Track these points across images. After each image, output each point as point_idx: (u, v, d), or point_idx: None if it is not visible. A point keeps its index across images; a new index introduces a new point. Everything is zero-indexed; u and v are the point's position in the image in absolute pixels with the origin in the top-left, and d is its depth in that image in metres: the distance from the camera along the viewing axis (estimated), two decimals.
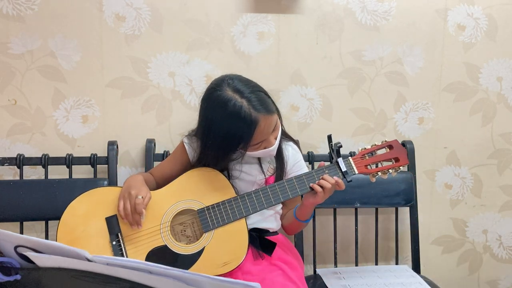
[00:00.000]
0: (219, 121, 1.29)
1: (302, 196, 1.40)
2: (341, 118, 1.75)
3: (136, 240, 1.30)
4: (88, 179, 1.60)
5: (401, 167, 1.38)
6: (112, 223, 1.31)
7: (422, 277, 1.59)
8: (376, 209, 1.72)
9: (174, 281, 0.77)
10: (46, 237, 1.59)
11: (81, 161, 1.60)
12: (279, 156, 1.44)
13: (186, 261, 1.28)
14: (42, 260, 0.83)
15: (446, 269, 1.90)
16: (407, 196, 1.69)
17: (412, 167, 1.74)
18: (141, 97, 1.66)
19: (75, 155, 1.61)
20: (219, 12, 1.65)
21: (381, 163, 1.38)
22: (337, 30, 1.71)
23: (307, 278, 1.56)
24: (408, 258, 1.82)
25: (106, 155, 1.61)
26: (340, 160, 1.34)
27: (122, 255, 1.28)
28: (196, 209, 1.32)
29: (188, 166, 1.46)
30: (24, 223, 1.58)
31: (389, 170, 1.37)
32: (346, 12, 1.70)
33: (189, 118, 1.58)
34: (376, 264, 1.74)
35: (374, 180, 1.38)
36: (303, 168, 1.48)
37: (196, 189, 1.34)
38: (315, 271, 1.68)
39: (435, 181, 1.84)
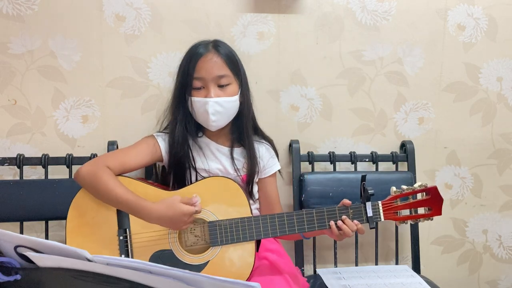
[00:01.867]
0: (183, 59, 1.42)
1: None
2: (341, 118, 1.75)
3: (143, 239, 1.29)
4: None
5: (432, 217, 1.29)
6: (123, 217, 1.29)
7: (422, 277, 1.59)
8: None
9: (174, 281, 0.77)
10: (46, 237, 1.59)
11: (81, 161, 1.59)
12: (251, 154, 1.43)
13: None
14: (42, 260, 0.83)
15: (446, 269, 1.90)
16: None
17: (412, 167, 1.73)
18: (141, 97, 1.66)
19: (75, 155, 1.61)
20: (219, 12, 1.65)
21: (413, 210, 1.28)
22: (337, 30, 1.70)
23: (307, 278, 1.56)
24: (408, 258, 1.82)
25: None
26: (368, 204, 1.28)
27: (127, 251, 1.27)
28: (207, 220, 1.30)
29: (158, 159, 1.44)
30: (24, 223, 1.58)
31: (420, 218, 1.28)
32: (346, 12, 1.70)
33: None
34: (376, 264, 1.74)
35: (399, 225, 1.29)
36: (276, 163, 1.51)
37: (212, 199, 1.31)
38: (315, 271, 1.68)
39: (435, 181, 1.84)
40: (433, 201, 1.28)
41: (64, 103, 1.63)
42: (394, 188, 1.31)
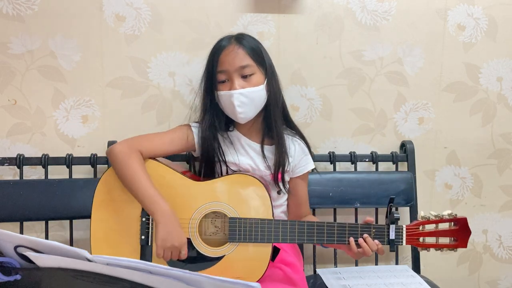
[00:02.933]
0: (208, 55, 1.41)
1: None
2: (341, 118, 1.75)
3: None
4: (88, 179, 1.60)
5: (456, 249, 1.27)
6: None
7: (422, 277, 1.59)
8: (376, 209, 1.72)
9: (174, 281, 0.77)
10: (46, 237, 1.59)
11: (81, 161, 1.60)
12: (280, 147, 1.41)
13: (203, 262, 1.29)
14: (42, 260, 0.83)
15: (446, 269, 1.90)
16: (407, 196, 1.69)
17: (412, 167, 1.73)
18: (141, 97, 1.66)
19: (75, 155, 1.61)
20: (219, 12, 1.65)
21: (437, 238, 1.26)
22: (337, 30, 1.71)
23: (307, 278, 1.56)
24: (408, 258, 1.82)
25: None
26: (392, 227, 1.26)
27: (147, 233, 1.29)
28: (229, 216, 1.31)
29: (191, 148, 1.46)
30: (24, 223, 1.58)
31: (443, 248, 1.26)
32: (346, 12, 1.70)
33: (189, 118, 1.58)
34: (376, 264, 1.74)
35: (421, 251, 1.29)
36: (309, 162, 1.48)
37: (236, 196, 1.32)
38: (315, 271, 1.68)
39: (435, 181, 1.84)
40: (460, 233, 1.25)
41: (64, 103, 1.63)
42: (422, 213, 1.29)
